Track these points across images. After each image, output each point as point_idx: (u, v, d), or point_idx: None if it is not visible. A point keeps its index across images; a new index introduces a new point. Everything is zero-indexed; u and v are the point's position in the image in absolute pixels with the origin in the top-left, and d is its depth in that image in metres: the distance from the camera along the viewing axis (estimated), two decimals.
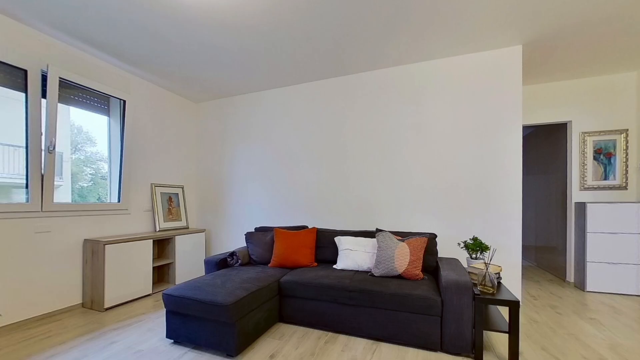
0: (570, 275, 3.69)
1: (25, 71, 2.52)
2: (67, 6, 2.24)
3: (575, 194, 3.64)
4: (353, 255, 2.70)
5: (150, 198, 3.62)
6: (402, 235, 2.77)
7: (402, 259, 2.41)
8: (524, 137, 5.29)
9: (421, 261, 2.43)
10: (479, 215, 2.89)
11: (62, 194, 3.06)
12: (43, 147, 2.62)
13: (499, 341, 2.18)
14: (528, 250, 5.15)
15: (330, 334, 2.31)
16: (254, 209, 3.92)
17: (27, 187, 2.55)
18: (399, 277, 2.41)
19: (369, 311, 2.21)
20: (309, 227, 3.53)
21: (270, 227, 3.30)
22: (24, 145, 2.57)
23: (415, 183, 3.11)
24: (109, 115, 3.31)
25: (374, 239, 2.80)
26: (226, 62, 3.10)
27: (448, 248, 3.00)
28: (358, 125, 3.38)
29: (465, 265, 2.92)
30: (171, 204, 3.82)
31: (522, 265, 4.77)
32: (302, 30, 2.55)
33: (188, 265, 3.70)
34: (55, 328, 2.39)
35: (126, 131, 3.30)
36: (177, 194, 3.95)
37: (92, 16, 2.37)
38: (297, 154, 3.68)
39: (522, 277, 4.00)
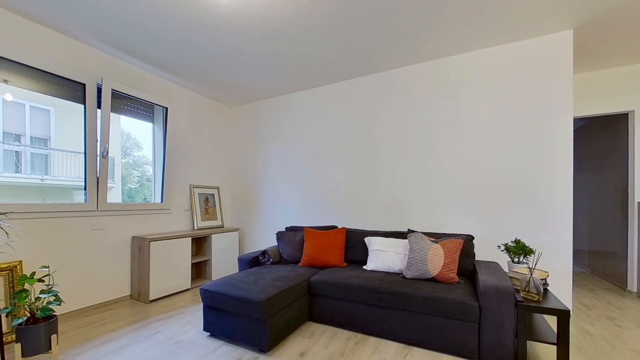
0: (633, 284, 3.27)
1: (84, 85, 2.81)
2: (119, 25, 2.47)
3: (639, 193, 3.23)
4: (383, 256, 2.64)
5: (189, 198, 3.85)
6: (436, 237, 2.66)
7: (436, 261, 2.32)
8: (575, 131, 4.81)
9: (456, 264, 2.31)
10: (522, 216, 2.68)
11: (114, 195, 3.38)
12: (98, 153, 2.91)
13: (545, 353, 2.00)
14: (580, 255, 4.66)
15: (359, 335, 2.28)
16: (285, 209, 4.01)
17: (85, 188, 2.85)
18: (433, 280, 2.32)
19: (400, 314, 2.15)
20: (339, 227, 3.53)
21: (301, 227, 3.34)
22: (83, 151, 2.87)
23: (450, 181, 2.97)
24: (153, 122, 3.58)
25: (406, 240, 2.72)
26: (257, 66, 3.21)
27: (486, 251, 2.81)
28: (388, 123, 3.30)
29: (506, 269, 2.73)
30: (208, 204, 4.04)
31: (573, 271, 4.33)
32: (331, 32, 2.56)
33: (223, 262, 3.88)
34: (108, 316, 2.64)
35: (168, 136, 3.55)
36: (213, 195, 4.16)
37: (140, 32, 2.58)
38: (326, 154, 3.70)
39: (573, 284, 3.63)
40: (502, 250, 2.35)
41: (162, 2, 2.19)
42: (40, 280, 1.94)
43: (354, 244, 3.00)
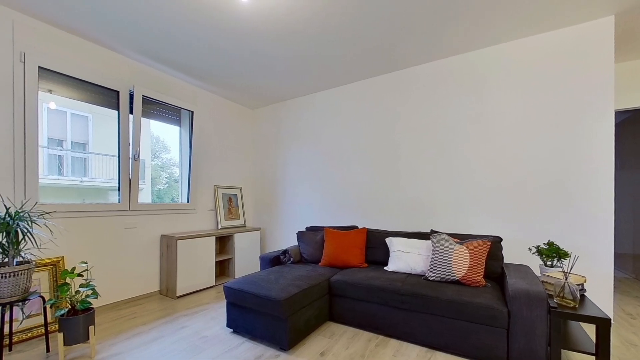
0: None
1: (118, 92, 3.00)
2: (150, 34, 2.60)
3: None
4: (405, 257, 2.58)
5: (213, 198, 3.99)
6: (461, 238, 2.56)
7: (461, 263, 2.23)
8: (616, 125, 4.45)
9: (483, 266, 2.21)
10: (557, 217, 2.51)
11: (145, 195, 3.57)
12: (130, 156, 3.08)
13: None
14: (623, 259, 4.29)
15: (380, 337, 2.24)
16: (305, 209, 4.03)
17: (118, 189, 3.03)
18: (457, 282, 2.23)
19: (422, 317, 2.09)
20: (359, 227, 3.49)
21: (321, 227, 3.35)
22: (117, 154, 3.05)
23: (476, 181, 2.85)
24: (180, 126, 3.74)
25: (428, 241, 2.64)
26: (279, 68, 3.26)
27: (516, 253, 2.67)
28: (411, 121, 3.23)
29: (538, 273, 2.57)
30: (231, 204, 4.15)
31: (615, 277, 4.00)
32: (352, 30, 2.54)
33: (245, 260, 3.97)
34: (139, 310, 2.78)
35: (193, 139, 3.69)
36: (235, 195, 4.28)
37: (168, 40, 2.70)
38: (347, 154, 3.68)
39: (615, 291, 3.35)
40: (534, 253, 2.22)
41: (189, 11, 2.28)
42: (79, 275, 2.08)
43: (375, 245, 2.95)
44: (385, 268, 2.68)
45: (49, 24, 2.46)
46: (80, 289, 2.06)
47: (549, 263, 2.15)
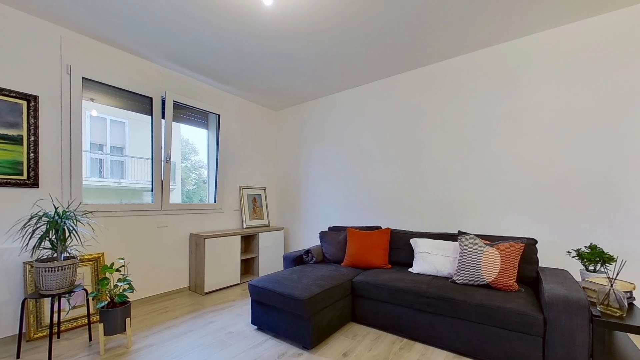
0: None
1: (151, 98, 3.18)
2: (180, 42, 2.72)
3: None
4: (431, 259, 2.50)
5: (238, 199, 4.11)
6: (491, 240, 2.43)
7: (491, 266, 2.12)
8: None
9: (516, 270, 2.09)
10: (599, 218, 2.31)
11: (175, 196, 3.75)
12: (162, 158, 3.25)
13: None
14: None
15: (405, 340, 2.19)
16: (328, 209, 4.03)
17: (152, 190, 3.21)
18: (487, 286, 2.12)
19: (449, 321, 2.01)
20: (383, 227, 3.43)
21: (344, 227, 3.33)
22: (150, 157, 3.24)
23: (508, 180, 2.69)
24: (207, 129, 3.90)
25: (456, 243, 2.54)
26: (302, 69, 3.29)
27: (553, 257, 2.49)
28: (437, 118, 3.12)
29: (578, 278, 2.38)
30: (255, 204, 4.26)
31: None
32: (375, 27, 2.50)
33: (269, 259, 4.04)
34: (170, 305, 2.93)
35: (220, 141, 3.83)
36: (260, 195, 4.37)
37: (197, 47, 2.81)
38: (370, 153, 3.63)
39: None
40: (574, 257, 2.06)
41: (217, 18, 2.36)
42: (117, 270, 2.23)
43: (399, 246, 2.89)
44: (410, 270, 2.61)
45: (91, 37, 2.67)
46: (118, 284, 2.21)
47: (591, 268, 1.98)
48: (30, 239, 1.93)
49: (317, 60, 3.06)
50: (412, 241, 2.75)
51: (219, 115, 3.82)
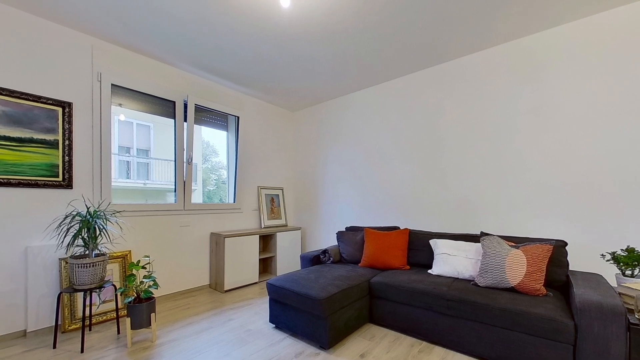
0: None
1: (174, 102, 3.31)
2: (202, 47, 2.81)
3: None
4: (452, 261, 2.43)
5: (257, 199, 4.18)
6: (516, 241, 2.33)
7: (516, 268, 2.03)
8: None
9: (543, 273, 1.98)
10: (634, 218, 2.15)
11: (197, 196, 3.88)
12: (185, 160, 3.37)
13: None
14: None
15: (424, 343, 2.14)
16: (345, 209, 4.01)
17: (175, 191, 3.33)
18: (512, 290, 2.03)
19: (471, 325, 1.94)
20: (401, 227, 3.37)
21: (361, 227, 3.31)
22: (173, 159, 3.36)
23: (533, 178, 2.57)
24: (227, 130, 4.00)
25: (478, 244, 2.45)
26: (319, 70, 3.30)
27: (585, 260, 2.34)
28: (457, 115, 3.03)
29: (613, 283, 2.22)
30: (273, 204, 4.31)
31: None
32: (392, 26, 2.47)
33: (287, 259, 4.08)
34: (191, 302, 3.03)
35: (239, 142, 3.92)
36: (277, 195, 4.43)
37: (217, 52, 2.89)
38: (387, 152, 3.58)
39: None
40: (608, 261, 1.93)
41: (236, 23, 2.42)
42: (143, 267, 2.33)
43: (418, 246, 2.83)
44: (429, 271, 2.54)
45: (119, 45, 2.82)
46: (144, 280, 2.31)
47: (628, 272, 1.85)
48: (65, 236, 2.06)
49: (334, 60, 3.06)
50: (432, 242, 2.68)
51: (238, 117, 3.90)
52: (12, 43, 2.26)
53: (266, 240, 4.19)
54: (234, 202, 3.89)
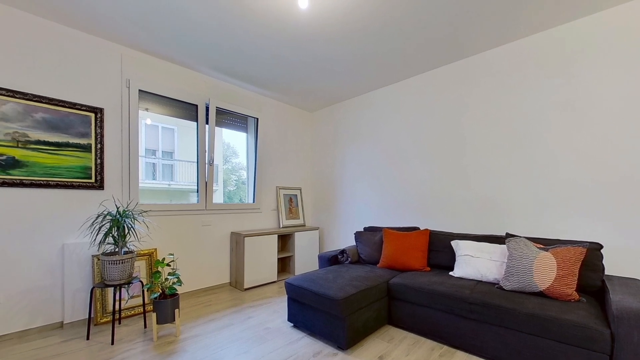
0: None
1: (196, 106, 3.42)
2: (222, 51, 2.88)
3: None
4: (475, 263, 2.34)
5: (275, 199, 4.24)
6: (545, 243, 2.21)
7: (545, 272, 1.92)
8: None
9: (575, 277, 1.87)
10: None
11: (218, 196, 3.99)
12: (206, 161, 3.48)
13: None
14: None
15: (445, 347, 2.07)
16: (363, 209, 3.98)
17: (197, 191, 3.45)
18: (540, 294, 1.93)
19: (495, 330, 1.86)
20: (421, 228, 3.29)
21: (379, 227, 3.26)
22: (196, 160, 3.48)
23: (564, 177, 2.42)
24: (246, 132, 4.08)
25: (503, 246, 2.35)
26: (337, 70, 3.29)
27: (623, 264, 2.17)
28: (480, 112, 2.92)
29: None
30: (291, 204, 4.35)
31: None
32: (413, 22, 2.41)
33: (305, 258, 4.10)
34: (213, 299, 3.11)
35: (258, 144, 3.99)
36: (296, 195, 4.47)
37: (237, 55, 2.96)
38: (407, 151, 3.51)
39: None
40: None
41: (255, 26, 2.47)
42: (167, 264, 2.43)
43: (439, 248, 2.75)
44: (451, 273, 2.47)
45: (146, 53, 2.95)
46: (168, 277, 2.41)
47: None
48: (97, 235, 2.19)
49: (352, 59, 3.04)
50: (454, 243, 2.60)
51: (257, 119, 3.98)
52: (50, 54, 2.43)
53: (285, 240, 4.23)
54: (254, 202, 3.97)
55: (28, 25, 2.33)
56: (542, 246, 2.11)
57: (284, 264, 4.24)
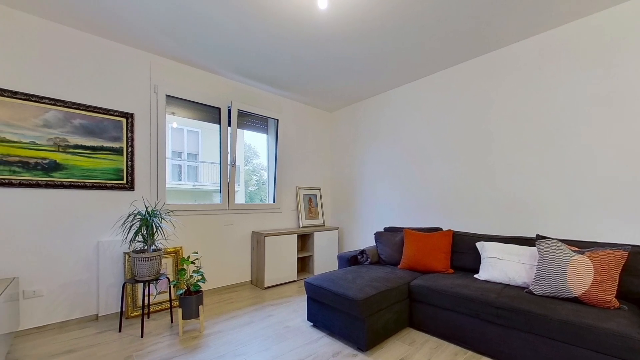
0: None
1: (219, 109, 3.53)
2: (242, 54, 2.95)
3: None
4: (502, 265, 2.23)
5: (295, 199, 4.28)
6: (581, 246, 2.07)
7: (581, 276, 1.80)
8: None
9: (615, 283, 1.73)
10: None
11: (239, 197, 4.09)
12: (229, 163, 3.58)
13: None
14: None
15: (469, 352, 1.99)
16: (383, 209, 3.92)
17: (220, 192, 3.55)
18: (575, 300, 1.81)
19: (525, 337, 1.76)
20: (443, 229, 3.18)
21: (400, 228, 3.20)
22: (219, 162, 3.59)
23: (603, 175, 2.25)
24: (267, 133, 4.16)
25: (533, 248, 2.22)
26: (356, 69, 3.27)
27: None
28: (508, 107, 2.78)
29: None
30: (311, 204, 4.37)
31: None
32: (434, 16, 2.34)
33: (324, 258, 4.11)
34: (235, 297, 3.19)
35: (279, 144, 4.05)
36: (315, 195, 4.48)
37: (257, 57, 3.02)
38: (428, 149, 3.41)
39: None
40: None
41: (275, 28, 2.51)
42: (192, 262, 2.53)
43: (462, 249, 2.65)
44: (476, 276, 2.37)
45: (172, 59, 3.09)
46: (193, 274, 2.50)
47: None
48: (128, 233, 2.32)
49: (372, 58, 3.01)
50: (479, 245, 2.49)
51: (278, 120, 4.04)
52: (86, 64, 2.61)
53: (304, 240, 4.26)
54: (274, 202, 4.03)
55: (67, 38, 2.52)
56: (577, 249, 1.98)
57: (304, 263, 4.27)
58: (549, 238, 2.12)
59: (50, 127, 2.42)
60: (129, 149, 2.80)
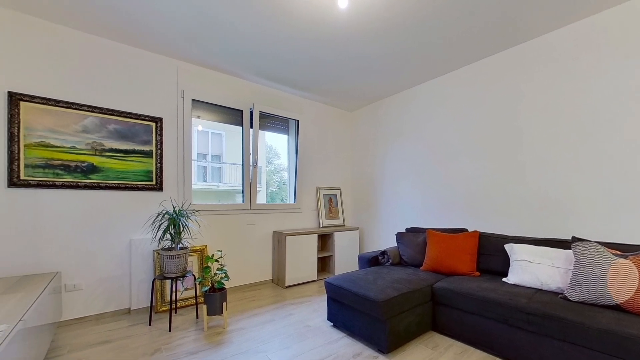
0: None
1: (241, 111, 3.63)
2: (263, 57, 3.01)
3: None
4: (533, 269, 2.11)
5: (315, 199, 4.29)
6: (622, 249, 1.91)
7: (624, 282, 1.66)
8: None
9: None
10: None
11: (261, 197, 4.17)
12: (251, 164, 3.66)
13: None
14: None
15: (497, 359, 1.89)
16: (405, 209, 3.83)
17: (242, 192, 3.65)
18: (616, 308, 1.67)
19: (559, 345, 1.65)
20: (469, 230, 3.06)
21: (422, 228, 3.11)
22: (241, 163, 3.69)
23: None
24: (288, 134, 4.21)
25: (569, 251, 2.08)
26: (376, 67, 3.23)
27: None
28: (540, 102, 2.62)
29: None
30: (331, 204, 4.37)
31: None
32: (459, 9, 2.25)
33: (344, 258, 4.08)
34: (256, 295, 3.26)
35: (299, 145, 4.09)
36: (335, 195, 4.47)
37: (278, 60, 3.07)
38: (453, 146, 3.29)
39: None
40: None
41: (294, 31, 2.54)
42: (216, 260, 2.61)
43: (490, 251, 2.53)
44: (504, 279, 2.25)
45: (197, 65, 3.22)
46: (217, 272, 2.58)
47: None
48: (157, 231, 2.44)
49: (392, 55, 2.95)
50: (508, 247, 2.37)
51: (298, 121, 4.07)
52: (119, 71, 2.78)
53: (324, 240, 4.27)
54: (294, 202, 4.07)
55: (102, 48, 2.69)
56: (618, 252, 1.83)
57: (324, 263, 4.27)
58: (587, 240, 1.97)
59: (88, 132, 2.60)
60: (158, 151, 2.94)
